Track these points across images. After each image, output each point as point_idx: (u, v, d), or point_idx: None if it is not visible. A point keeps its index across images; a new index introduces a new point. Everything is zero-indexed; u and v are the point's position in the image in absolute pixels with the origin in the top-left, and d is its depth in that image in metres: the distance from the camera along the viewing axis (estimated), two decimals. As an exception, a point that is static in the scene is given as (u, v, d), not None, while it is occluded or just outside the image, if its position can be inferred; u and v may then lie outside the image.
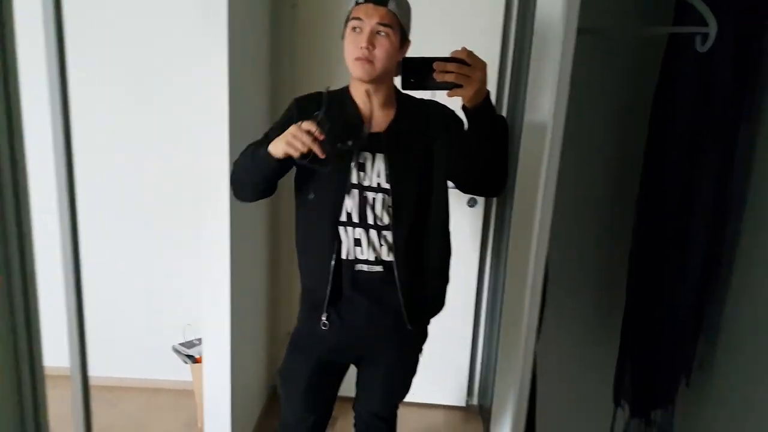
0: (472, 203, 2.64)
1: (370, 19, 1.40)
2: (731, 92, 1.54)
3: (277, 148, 1.37)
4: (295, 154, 1.34)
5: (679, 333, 1.63)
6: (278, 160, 1.39)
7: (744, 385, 1.52)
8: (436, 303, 1.67)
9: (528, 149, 2.33)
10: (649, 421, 1.75)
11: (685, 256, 1.63)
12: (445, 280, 1.66)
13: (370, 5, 1.41)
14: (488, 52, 2.51)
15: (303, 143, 1.32)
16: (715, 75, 1.54)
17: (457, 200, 2.63)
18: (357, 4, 1.43)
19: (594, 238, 2.01)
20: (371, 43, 1.40)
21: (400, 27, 1.44)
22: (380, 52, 1.41)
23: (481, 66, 1.25)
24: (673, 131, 1.65)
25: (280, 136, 1.37)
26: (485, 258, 2.76)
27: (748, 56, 1.53)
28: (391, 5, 1.42)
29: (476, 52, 1.27)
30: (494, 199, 2.68)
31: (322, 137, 1.31)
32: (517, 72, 2.43)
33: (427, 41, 1.50)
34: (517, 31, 2.46)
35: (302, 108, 1.53)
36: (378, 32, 1.40)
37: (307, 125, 1.32)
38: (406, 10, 1.48)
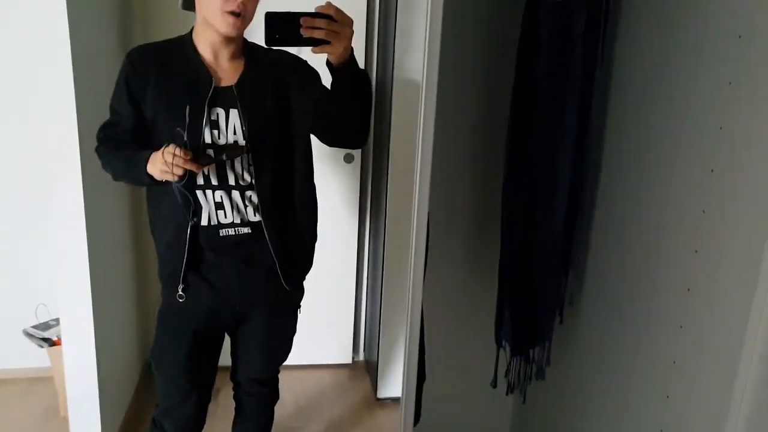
0: (348, 159, 2.60)
1: None
2: (587, 39, 1.63)
3: (155, 172, 1.34)
4: (174, 179, 1.31)
5: (550, 270, 1.73)
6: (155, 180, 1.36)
7: (607, 320, 1.64)
8: (308, 260, 1.64)
9: (401, 102, 2.36)
10: (528, 358, 1.86)
11: (552, 195, 1.71)
12: (314, 236, 1.63)
13: None
14: (354, 6, 2.45)
15: (178, 168, 1.29)
16: (571, 22, 1.62)
17: (333, 156, 2.58)
18: None
19: (470, 181, 2.05)
20: None
21: None
22: (252, 6, 1.35)
23: (349, 22, 1.21)
24: (536, 78, 1.70)
25: (153, 160, 1.33)
26: (365, 213, 2.75)
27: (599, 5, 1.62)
28: None
29: (342, 7, 1.21)
30: (370, 153, 2.67)
31: (188, 157, 1.29)
32: (385, 27, 2.40)
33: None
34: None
35: (137, 66, 1.42)
36: None
37: (170, 152, 1.28)
38: None
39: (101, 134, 1.49)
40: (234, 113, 1.41)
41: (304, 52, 1.34)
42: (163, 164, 1.28)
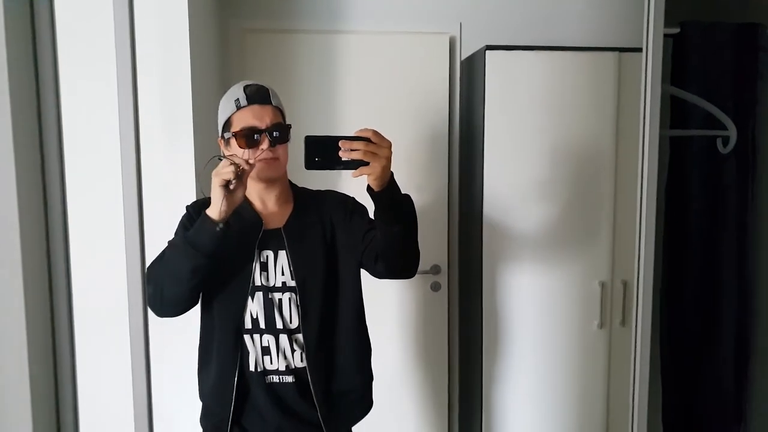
0: (435, 287, 2.41)
1: (261, 122, 1.36)
2: (736, 183, 1.94)
3: (224, 206, 1.27)
4: (232, 176, 1.26)
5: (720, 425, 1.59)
6: (222, 222, 1.28)
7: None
8: (362, 405, 1.55)
9: (491, 222, 2.23)
10: None
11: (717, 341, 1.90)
12: (368, 376, 1.56)
13: (256, 107, 1.37)
14: (435, 121, 2.40)
15: (235, 165, 1.26)
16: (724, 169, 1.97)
17: (418, 284, 2.41)
18: (238, 108, 1.37)
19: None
20: (272, 143, 1.37)
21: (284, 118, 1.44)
22: (282, 150, 1.41)
23: (387, 144, 1.21)
24: (688, 228, 1.99)
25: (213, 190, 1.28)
26: (454, 346, 2.50)
27: (746, 150, 1.96)
28: (275, 101, 1.41)
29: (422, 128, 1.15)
30: (456, 279, 2.48)
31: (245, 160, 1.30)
32: (469, 140, 2.32)
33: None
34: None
35: (192, 213, 1.44)
36: (273, 132, 1.37)
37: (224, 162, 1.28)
38: (280, 98, 1.45)
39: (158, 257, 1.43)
40: (282, 255, 1.42)
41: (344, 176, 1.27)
42: (221, 168, 1.26)
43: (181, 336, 1.70)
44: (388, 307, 2.42)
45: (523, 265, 2.21)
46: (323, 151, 1.20)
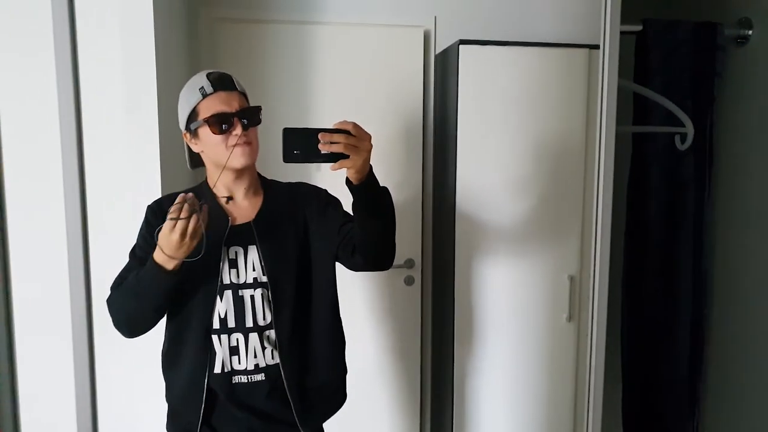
0: (409, 281, 2.42)
1: (230, 107, 1.33)
2: (694, 179, 2.00)
3: (180, 252, 1.20)
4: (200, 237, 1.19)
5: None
6: (175, 271, 1.23)
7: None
8: (336, 398, 1.53)
9: (465, 216, 2.23)
10: None
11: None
12: (342, 370, 1.54)
13: (222, 93, 1.33)
14: (409, 117, 2.40)
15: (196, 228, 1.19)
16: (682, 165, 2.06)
17: (391, 279, 2.41)
18: (204, 96, 1.33)
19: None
20: (245, 127, 1.33)
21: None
22: (254, 134, 1.37)
23: (368, 137, 1.19)
24: (647, 222, 2.04)
25: (164, 246, 1.20)
26: (427, 340, 2.51)
27: (703, 147, 2.04)
28: (240, 87, 1.38)
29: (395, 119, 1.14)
30: (429, 273, 2.49)
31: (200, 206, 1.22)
32: (442, 136, 2.33)
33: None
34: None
35: (159, 216, 1.37)
36: (244, 116, 1.34)
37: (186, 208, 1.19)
38: (242, 84, 1.43)
39: (118, 281, 1.39)
40: (252, 250, 1.39)
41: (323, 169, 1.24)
42: (179, 241, 1.17)
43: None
44: (361, 300, 2.42)
45: (495, 259, 2.23)
46: (302, 144, 1.17)
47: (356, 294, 2.39)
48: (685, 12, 2.27)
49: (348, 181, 1.23)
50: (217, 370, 1.36)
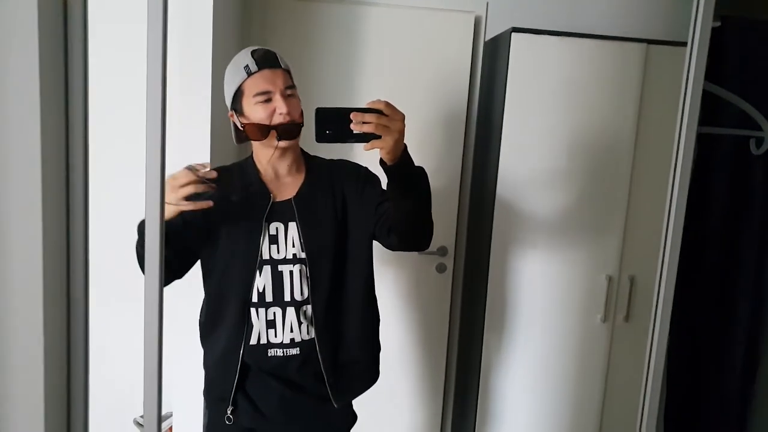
0: (441, 268, 2.39)
1: (274, 85, 1.34)
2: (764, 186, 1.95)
3: (169, 191, 1.20)
4: (188, 207, 1.19)
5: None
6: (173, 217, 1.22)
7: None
8: (369, 375, 1.56)
9: (504, 206, 2.19)
10: None
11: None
12: (376, 348, 1.57)
13: (267, 72, 1.34)
14: (454, 103, 2.36)
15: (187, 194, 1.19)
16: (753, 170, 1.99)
17: (423, 265, 2.39)
18: (249, 74, 1.34)
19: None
20: (289, 105, 1.34)
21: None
22: (297, 112, 1.38)
23: (400, 117, 1.17)
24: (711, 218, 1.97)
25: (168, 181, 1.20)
26: (454, 328, 2.49)
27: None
28: (284, 64, 1.39)
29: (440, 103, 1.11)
30: (462, 262, 2.46)
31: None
32: (487, 125, 2.29)
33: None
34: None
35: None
36: (287, 95, 1.36)
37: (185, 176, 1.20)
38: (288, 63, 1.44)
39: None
40: (292, 226, 1.40)
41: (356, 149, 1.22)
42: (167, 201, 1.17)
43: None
44: (391, 284, 2.41)
45: (532, 253, 2.19)
46: (334, 124, 1.17)
47: (387, 278, 2.39)
48: (765, 9, 2.17)
49: (382, 162, 1.22)
50: (253, 341, 1.39)
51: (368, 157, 1.30)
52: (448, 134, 2.38)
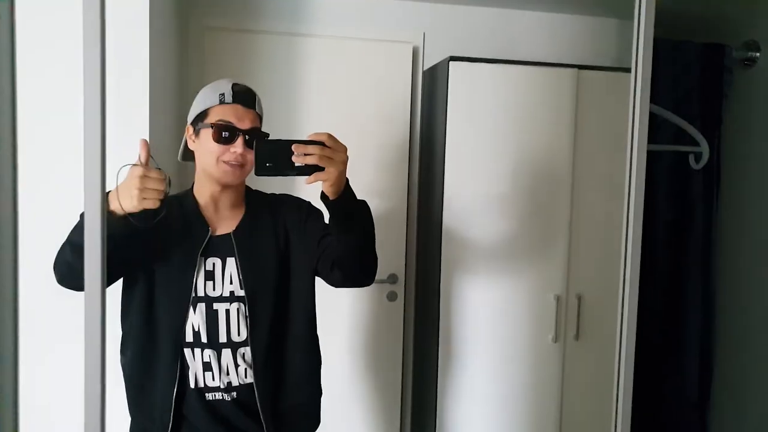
0: (391, 297, 2.38)
1: (241, 122, 1.30)
2: (703, 198, 2.04)
3: (125, 201, 1.11)
4: (154, 205, 1.11)
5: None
6: (124, 219, 1.12)
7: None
8: (309, 421, 1.48)
9: (452, 228, 2.21)
10: None
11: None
12: (317, 391, 1.49)
13: (239, 107, 1.31)
14: (395, 128, 2.39)
15: (157, 191, 1.11)
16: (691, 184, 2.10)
17: (374, 294, 2.37)
18: (221, 103, 1.31)
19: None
20: (246, 153, 1.29)
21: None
22: (251, 156, 1.28)
23: (343, 149, 1.16)
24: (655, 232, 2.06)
25: (121, 187, 1.12)
26: (408, 356, 2.46)
27: (712, 166, 2.09)
28: (258, 107, 1.37)
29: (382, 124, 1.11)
30: (412, 289, 2.45)
31: (163, 177, 1.14)
32: (429, 150, 2.32)
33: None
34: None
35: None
36: (250, 135, 1.30)
37: (157, 172, 1.13)
38: (263, 106, 1.41)
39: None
40: (231, 262, 1.34)
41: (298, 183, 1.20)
42: (144, 181, 1.10)
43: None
44: (341, 316, 2.37)
45: (481, 277, 2.20)
46: (275, 156, 1.13)
47: (335, 309, 2.35)
48: (691, 33, 2.31)
49: (323, 195, 1.19)
50: (191, 385, 1.31)
51: (310, 190, 1.28)
52: (394, 161, 2.40)
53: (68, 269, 1.18)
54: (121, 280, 1.32)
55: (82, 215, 1.20)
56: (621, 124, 1.41)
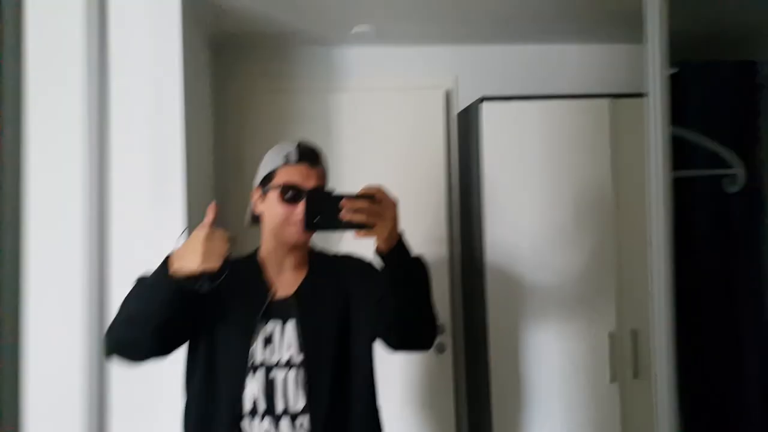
0: (440, 348, 2.28)
1: (306, 181, 1.29)
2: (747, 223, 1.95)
3: (188, 261, 1.10)
4: (216, 265, 1.10)
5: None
6: (184, 283, 1.10)
7: None
8: None
9: (496, 284, 2.12)
10: None
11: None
12: None
13: (305, 167, 1.31)
14: (432, 184, 2.33)
15: (223, 250, 1.11)
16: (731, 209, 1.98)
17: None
18: (286, 163, 1.30)
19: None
20: None
21: None
22: None
23: (392, 204, 1.14)
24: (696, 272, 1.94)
25: (184, 248, 1.12)
26: (462, 410, 2.35)
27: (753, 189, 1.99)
28: (323, 163, 1.36)
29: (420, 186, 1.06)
30: (461, 341, 2.36)
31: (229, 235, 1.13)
32: (468, 204, 2.25)
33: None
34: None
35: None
36: None
37: (220, 232, 1.12)
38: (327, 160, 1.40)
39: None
40: (290, 325, 1.30)
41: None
42: (210, 242, 1.09)
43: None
44: (390, 373, 2.27)
45: (529, 321, 2.12)
46: (323, 211, 1.11)
47: (383, 365, 2.24)
48: (716, 53, 2.26)
49: (377, 249, 1.15)
50: None
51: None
52: (432, 207, 2.36)
53: (134, 343, 1.16)
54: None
55: (139, 279, 1.20)
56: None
